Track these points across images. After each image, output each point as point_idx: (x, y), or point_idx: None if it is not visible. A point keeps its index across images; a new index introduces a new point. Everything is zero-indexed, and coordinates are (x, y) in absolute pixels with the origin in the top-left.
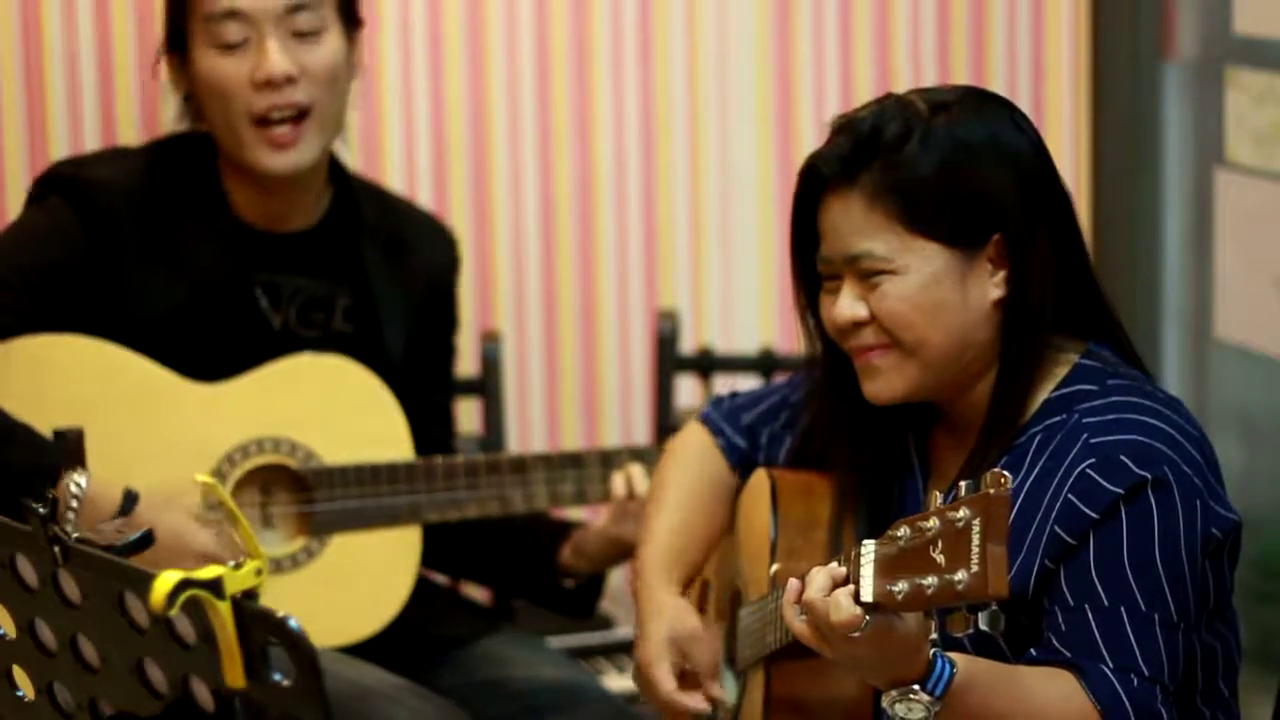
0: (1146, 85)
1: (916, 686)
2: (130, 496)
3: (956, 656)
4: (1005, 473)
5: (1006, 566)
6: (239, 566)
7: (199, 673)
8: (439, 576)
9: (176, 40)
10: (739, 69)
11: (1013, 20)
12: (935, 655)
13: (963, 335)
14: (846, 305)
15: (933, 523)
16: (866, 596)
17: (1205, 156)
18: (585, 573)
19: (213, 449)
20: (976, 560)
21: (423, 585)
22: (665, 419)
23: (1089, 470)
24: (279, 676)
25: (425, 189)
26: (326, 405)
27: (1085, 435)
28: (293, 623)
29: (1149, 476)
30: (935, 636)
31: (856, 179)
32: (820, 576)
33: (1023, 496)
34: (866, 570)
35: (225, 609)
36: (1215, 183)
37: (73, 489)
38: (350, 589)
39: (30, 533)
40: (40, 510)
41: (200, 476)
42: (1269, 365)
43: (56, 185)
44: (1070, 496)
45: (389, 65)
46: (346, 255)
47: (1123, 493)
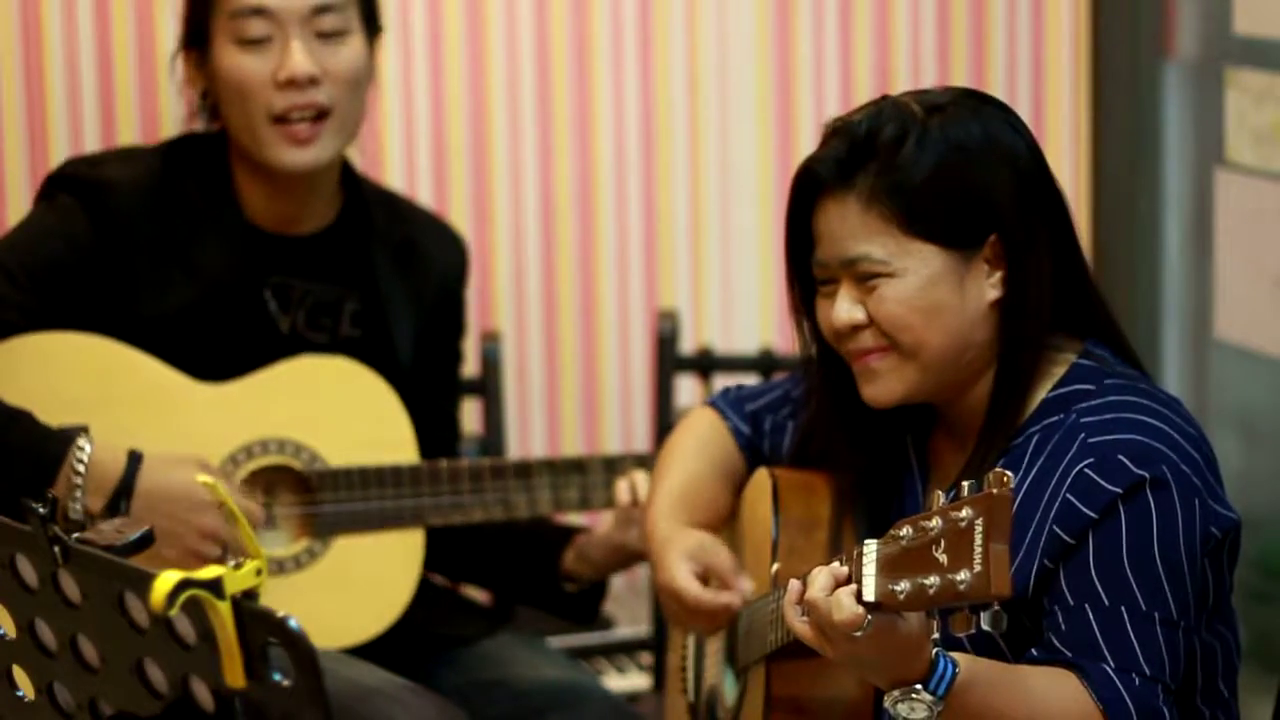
0: (1146, 85)
1: (919, 686)
2: (135, 456)
3: (958, 656)
4: (1008, 472)
5: (1009, 566)
6: (239, 566)
7: (199, 673)
8: (439, 577)
9: (197, 36)
10: (739, 69)
11: (1013, 20)
12: (937, 655)
13: (961, 336)
14: (844, 309)
15: (935, 522)
16: (869, 596)
17: (1205, 156)
18: (588, 578)
19: (217, 449)
20: (979, 560)
21: (423, 585)
22: (665, 419)
23: (1087, 470)
24: (279, 676)
25: (425, 189)
26: (332, 407)
27: (1083, 435)
28: (293, 623)
29: (1147, 476)
30: (937, 636)
31: (853, 182)
32: (822, 576)
33: (1021, 496)
34: (869, 569)
35: (225, 609)
36: (1215, 183)
37: (77, 454)
38: (352, 591)
39: (30, 533)
40: (40, 510)
41: (200, 477)
42: (1269, 365)
43: (68, 184)
44: (1069, 496)
45: (389, 65)
46: (356, 260)
47: (1121, 492)
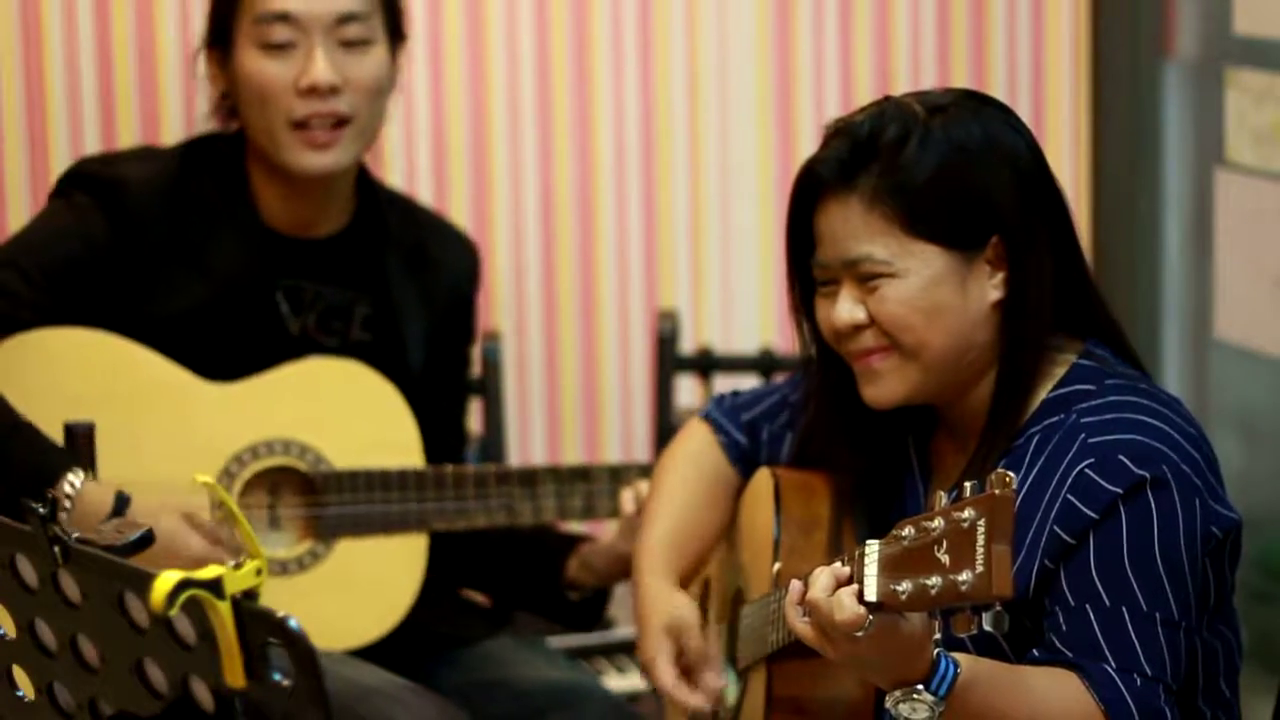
0: (1146, 85)
1: (920, 686)
2: (122, 499)
3: (960, 656)
4: (1010, 473)
5: (1011, 566)
6: (239, 566)
7: (199, 673)
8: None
9: (220, 36)
10: (739, 69)
11: (1013, 21)
12: (939, 655)
13: (963, 337)
14: (845, 309)
15: (937, 522)
16: (870, 596)
17: (1205, 156)
18: (590, 587)
19: (222, 449)
20: (981, 560)
21: (424, 585)
22: (665, 419)
23: (1088, 470)
24: (279, 676)
25: (425, 189)
26: (337, 409)
27: (1083, 435)
28: (293, 622)
29: (1147, 476)
30: (939, 636)
31: (855, 183)
32: (824, 576)
33: (1021, 497)
34: (870, 570)
35: (225, 609)
36: (1215, 183)
37: (66, 488)
38: (355, 593)
39: (30, 533)
40: (40, 510)
41: (200, 476)
42: (1269, 365)
43: (84, 182)
44: (1069, 497)
45: None
46: (369, 264)
47: (1121, 492)
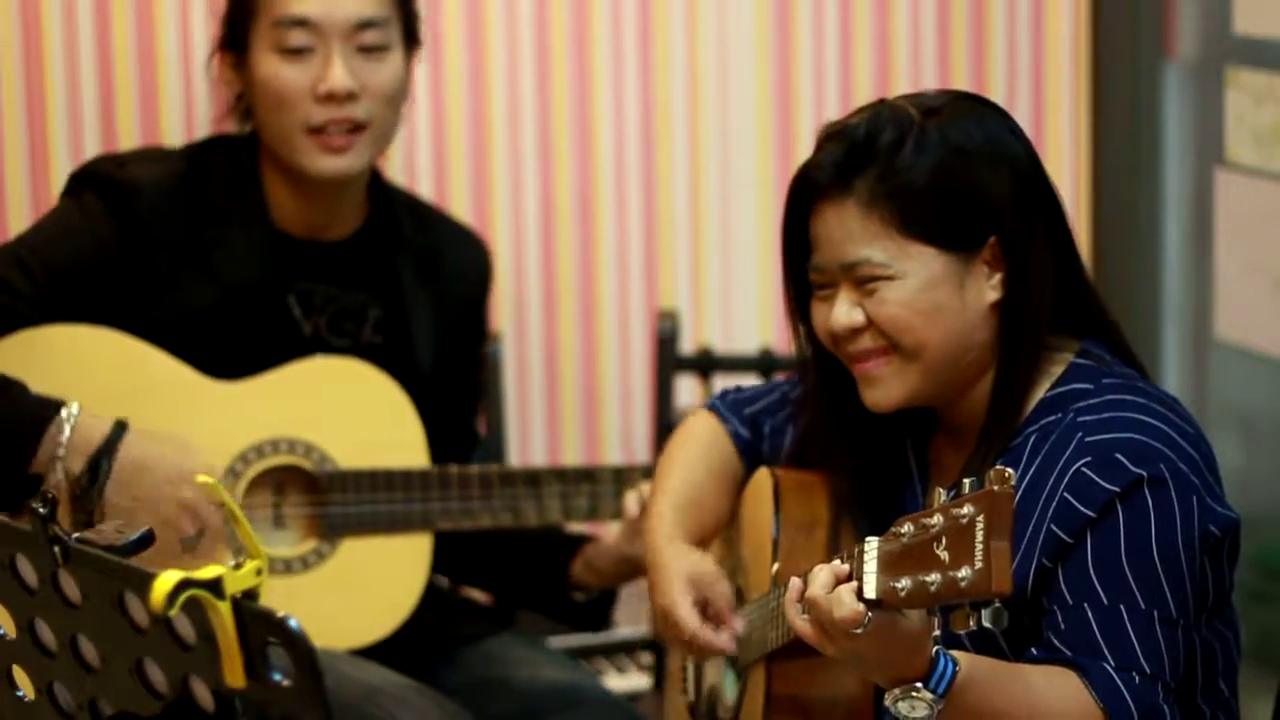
0: (1146, 85)
1: (919, 684)
2: (120, 424)
3: (959, 654)
4: (1009, 469)
5: (1010, 563)
6: (239, 566)
7: (199, 673)
8: (441, 577)
9: (236, 39)
10: (739, 70)
11: (1013, 21)
12: (938, 653)
13: (962, 337)
14: (843, 312)
15: (936, 519)
16: (870, 593)
17: (1205, 156)
18: (596, 588)
19: (227, 447)
20: (980, 557)
21: (426, 585)
22: (665, 419)
23: (1085, 469)
24: (279, 676)
25: (425, 189)
26: (343, 409)
27: (1081, 434)
28: (292, 622)
29: (1145, 474)
30: (938, 634)
31: (851, 186)
32: (823, 573)
33: (1019, 496)
34: (869, 567)
35: (225, 609)
36: (1215, 183)
37: (64, 414)
38: (359, 593)
39: (30, 533)
40: (40, 510)
41: (200, 476)
42: (1269, 365)
43: (94, 182)
44: (1067, 495)
45: None
46: (381, 267)
47: (1119, 491)
